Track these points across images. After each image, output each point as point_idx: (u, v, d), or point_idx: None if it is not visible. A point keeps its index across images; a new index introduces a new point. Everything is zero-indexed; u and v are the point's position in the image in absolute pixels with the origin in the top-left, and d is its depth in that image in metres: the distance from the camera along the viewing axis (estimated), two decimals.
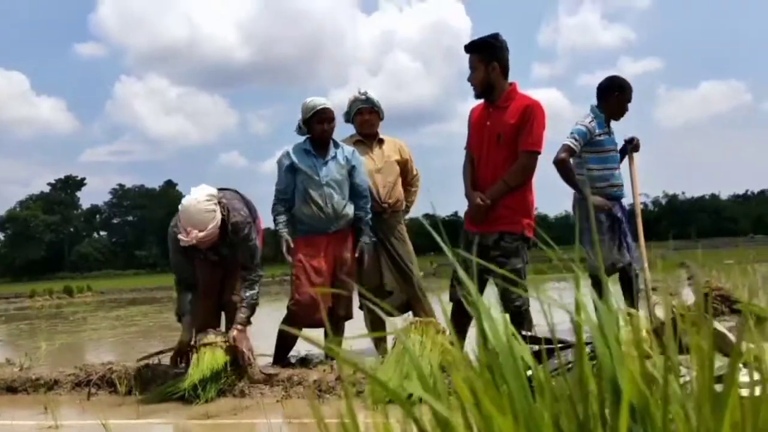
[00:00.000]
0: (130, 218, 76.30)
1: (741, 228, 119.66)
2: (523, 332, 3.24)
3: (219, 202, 3.55)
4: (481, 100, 3.78)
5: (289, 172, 4.11)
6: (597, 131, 4.55)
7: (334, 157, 4.16)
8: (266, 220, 4.39)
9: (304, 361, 4.25)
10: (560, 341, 3.18)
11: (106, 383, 3.72)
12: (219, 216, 3.50)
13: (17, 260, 63.11)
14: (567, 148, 4.57)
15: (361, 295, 4.53)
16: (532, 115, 3.57)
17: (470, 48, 3.71)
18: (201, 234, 3.43)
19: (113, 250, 71.31)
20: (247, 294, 3.74)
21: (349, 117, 4.58)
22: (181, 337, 3.66)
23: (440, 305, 2.40)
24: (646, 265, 4.87)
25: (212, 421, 2.98)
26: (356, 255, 4.19)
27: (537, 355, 2.85)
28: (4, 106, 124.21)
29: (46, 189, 71.17)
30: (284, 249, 4.01)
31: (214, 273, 3.87)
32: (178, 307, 3.79)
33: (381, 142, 4.57)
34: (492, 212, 3.62)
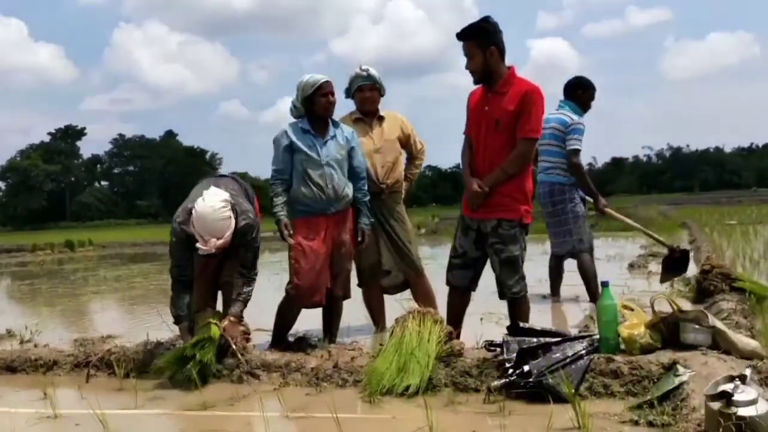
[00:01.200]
0: (131, 168, 76.13)
1: (744, 181, 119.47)
2: (521, 324, 3.24)
3: (232, 207, 3.50)
4: (480, 85, 3.71)
5: (287, 151, 4.03)
6: (578, 119, 5.42)
7: (334, 137, 4.08)
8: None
9: (302, 341, 4.25)
10: (557, 333, 3.17)
11: (105, 365, 3.72)
12: (233, 222, 3.48)
13: (19, 209, 63.21)
14: (577, 152, 5.34)
15: (359, 273, 4.52)
16: (530, 102, 3.51)
17: (464, 35, 3.63)
18: (219, 242, 3.44)
19: (114, 200, 71.32)
20: (244, 290, 3.74)
21: (349, 93, 4.50)
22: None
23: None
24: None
25: (209, 412, 2.97)
26: (356, 238, 4.17)
27: (524, 353, 2.84)
28: (2, 53, 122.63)
29: (47, 139, 70.91)
30: (285, 233, 3.96)
31: (212, 257, 3.84)
32: (174, 307, 3.75)
33: (381, 119, 4.50)
34: (490, 199, 3.59)
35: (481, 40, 3.57)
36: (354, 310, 4.58)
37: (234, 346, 3.48)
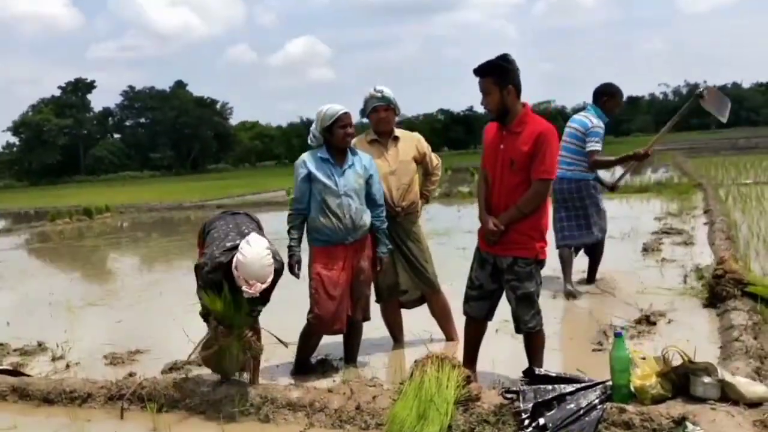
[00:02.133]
0: (142, 120, 75.88)
1: (763, 118, 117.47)
2: (536, 370, 3.36)
3: (273, 254, 3.65)
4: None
5: (305, 181, 4.13)
6: (598, 123, 5.96)
7: (352, 166, 4.15)
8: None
9: (324, 363, 4.43)
10: (571, 380, 3.28)
11: (137, 398, 3.89)
12: (274, 268, 3.62)
13: (33, 164, 63.55)
14: (595, 152, 5.92)
15: (377, 291, 4.64)
16: (545, 144, 3.56)
17: (481, 72, 3.63)
18: (263, 286, 3.57)
19: (127, 153, 71.43)
20: (259, 308, 3.87)
21: (364, 114, 4.54)
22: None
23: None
24: None
25: None
26: (376, 267, 4.28)
27: (539, 405, 2.96)
28: (8, 2, 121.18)
29: (57, 92, 70.56)
30: (294, 269, 4.10)
31: None
32: (204, 307, 3.89)
33: (396, 139, 4.53)
34: (506, 236, 3.66)
35: (499, 79, 3.59)
36: (373, 322, 4.69)
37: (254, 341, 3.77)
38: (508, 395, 3.24)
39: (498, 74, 3.59)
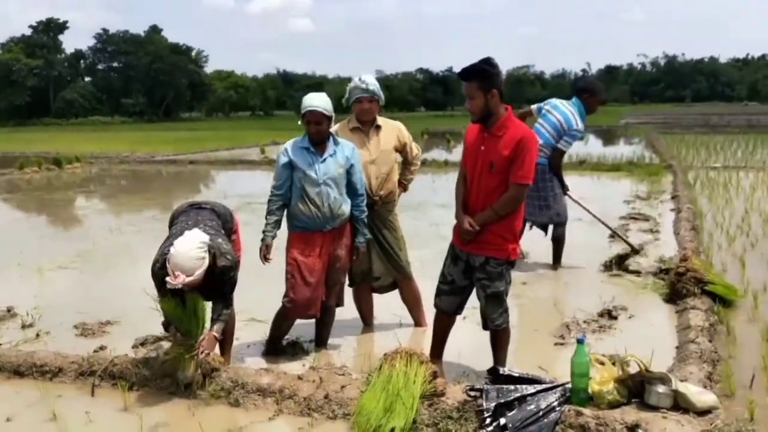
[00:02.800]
0: (115, 65, 74.22)
1: (737, 94, 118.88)
2: (500, 370, 3.48)
3: (209, 248, 3.61)
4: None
5: (286, 168, 4.19)
6: (581, 126, 6.28)
7: (333, 155, 4.19)
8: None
9: (295, 345, 4.52)
10: (533, 380, 3.42)
11: (108, 376, 3.95)
12: (207, 263, 3.57)
13: (1, 105, 61.98)
14: (562, 153, 6.31)
15: (350, 276, 4.72)
16: (525, 149, 3.62)
17: (466, 75, 3.66)
18: (188, 279, 3.51)
19: (99, 98, 69.98)
20: (224, 312, 3.87)
21: (348, 102, 4.55)
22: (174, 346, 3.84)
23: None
24: None
25: None
26: (353, 256, 4.35)
27: (501, 406, 3.09)
28: None
29: (28, 32, 68.45)
30: (262, 254, 4.19)
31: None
32: (165, 318, 3.93)
33: (378, 128, 4.56)
34: (480, 236, 3.75)
35: (483, 83, 3.63)
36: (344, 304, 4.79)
37: (206, 359, 3.71)
38: (472, 393, 3.36)
39: (482, 78, 3.63)
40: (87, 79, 74.42)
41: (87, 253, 7.63)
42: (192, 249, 3.53)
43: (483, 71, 3.62)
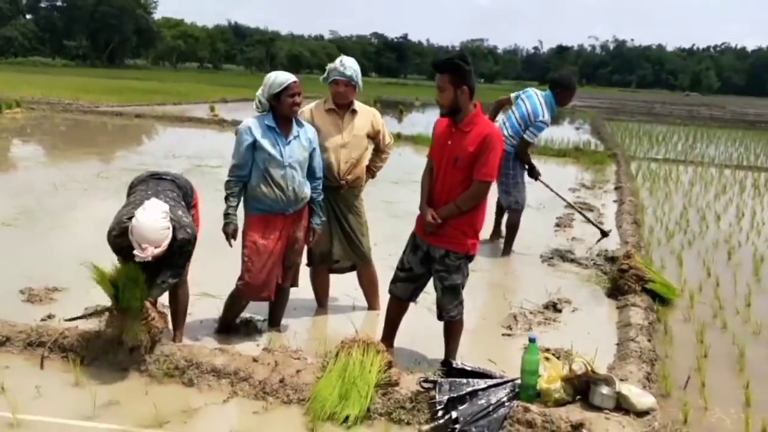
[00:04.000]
0: (58, 3, 71.08)
1: (680, 83, 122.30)
2: (453, 363, 3.60)
3: (171, 219, 3.58)
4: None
5: (249, 149, 4.07)
6: (548, 119, 6.51)
7: (297, 137, 4.16)
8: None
9: (249, 324, 4.54)
10: (485, 375, 3.54)
11: (58, 348, 3.90)
12: (171, 232, 3.56)
13: None
14: (527, 143, 6.62)
15: (309, 255, 4.74)
16: (489, 146, 3.70)
17: (440, 67, 3.70)
18: (157, 250, 3.51)
19: (40, 37, 67.01)
20: (169, 280, 3.85)
21: (325, 82, 4.52)
22: None
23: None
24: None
25: (164, 430, 3.25)
26: (308, 237, 4.36)
27: (453, 400, 3.21)
28: None
29: None
30: (229, 238, 4.14)
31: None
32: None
33: (354, 113, 4.55)
34: (442, 229, 3.82)
35: (455, 78, 3.68)
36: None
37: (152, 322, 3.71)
38: (426, 384, 3.47)
39: (455, 73, 3.68)
40: (28, 16, 70.99)
41: (31, 210, 7.41)
42: (157, 220, 3.50)
43: (456, 66, 3.68)
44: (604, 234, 6.86)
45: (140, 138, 15.81)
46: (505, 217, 7.11)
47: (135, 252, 3.50)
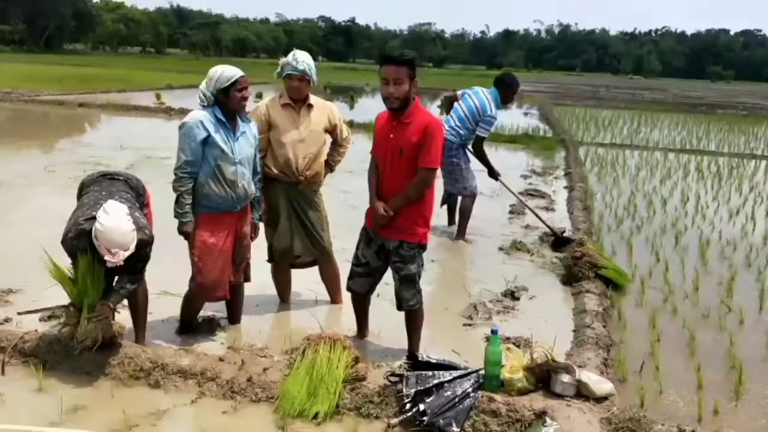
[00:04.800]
0: None
1: (623, 67, 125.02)
2: (419, 356, 3.68)
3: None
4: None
5: (201, 144, 3.98)
6: (495, 113, 6.81)
7: (244, 133, 4.13)
8: None
9: (211, 322, 4.52)
10: (450, 366, 3.63)
11: (18, 352, 3.83)
12: (136, 234, 3.54)
13: None
14: (483, 139, 6.76)
15: (270, 251, 4.75)
16: (431, 135, 3.83)
17: (400, 62, 3.80)
18: (126, 253, 3.49)
19: None
20: (127, 286, 3.78)
21: (279, 77, 4.49)
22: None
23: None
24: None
25: None
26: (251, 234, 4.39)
27: (420, 393, 3.30)
28: None
29: None
30: (188, 235, 4.09)
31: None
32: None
33: (310, 107, 4.54)
34: (394, 221, 3.94)
35: (412, 71, 3.80)
36: (261, 278, 4.84)
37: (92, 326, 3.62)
38: (392, 378, 3.53)
39: (412, 67, 3.80)
40: None
41: None
42: (122, 222, 3.47)
43: (413, 60, 3.81)
44: (558, 237, 6.97)
45: (85, 128, 15.42)
46: (458, 205, 7.25)
47: (106, 258, 3.47)
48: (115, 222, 3.47)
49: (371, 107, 22.11)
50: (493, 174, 7.16)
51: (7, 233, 6.39)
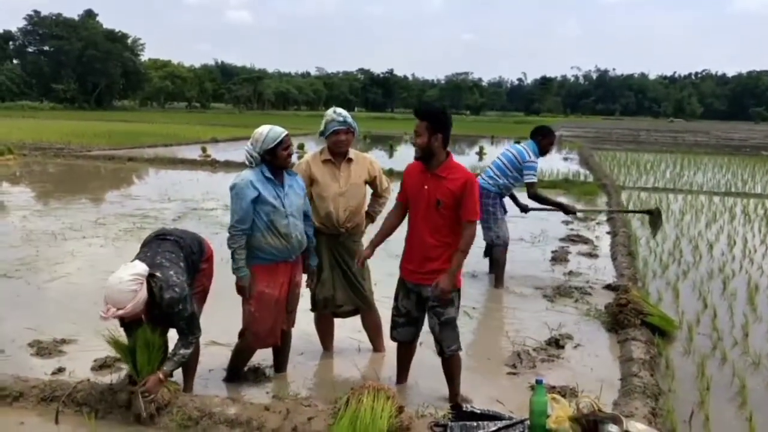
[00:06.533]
0: (46, 48, 71.54)
1: (663, 110, 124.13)
2: (464, 406, 3.67)
3: (153, 277, 3.64)
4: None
5: (252, 203, 4.12)
6: (535, 159, 6.98)
7: (292, 186, 4.26)
8: None
9: (257, 371, 4.59)
10: (494, 417, 3.61)
11: (71, 401, 3.94)
12: (141, 295, 3.57)
13: None
14: (533, 184, 7.04)
15: (312, 300, 4.82)
16: (470, 189, 3.95)
17: (421, 115, 3.99)
18: (120, 312, 3.53)
19: (28, 81, 67.37)
20: (180, 352, 3.85)
21: (323, 135, 4.61)
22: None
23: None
24: None
25: None
26: (308, 280, 4.51)
27: None
28: None
29: None
30: (245, 291, 4.20)
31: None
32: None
33: (350, 161, 4.66)
34: (428, 265, 4.02)
35: (433, 125, 3.95)
36: (304, 327, 4.90)
37: (141, 403, 3.69)
38: (437, 429, 3.53)
39: (433, 121, 3.95)
40: (15, 61, 71.39)
41: (31, 260, 7.46)
42: (122, 282, 3.52)
43: (435, 115, 3.98)
44: (650, 213, 7.99)
45: (134, 181, 15.89)
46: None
47: (100, 311, 3.56)
48: (116, 279, 3.54)
49: (410, 156, 22.23)
50: (566, 210, 7.44)
51: (61, 284, 6.61)
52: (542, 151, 7.02)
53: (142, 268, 3.67)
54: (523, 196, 7.47)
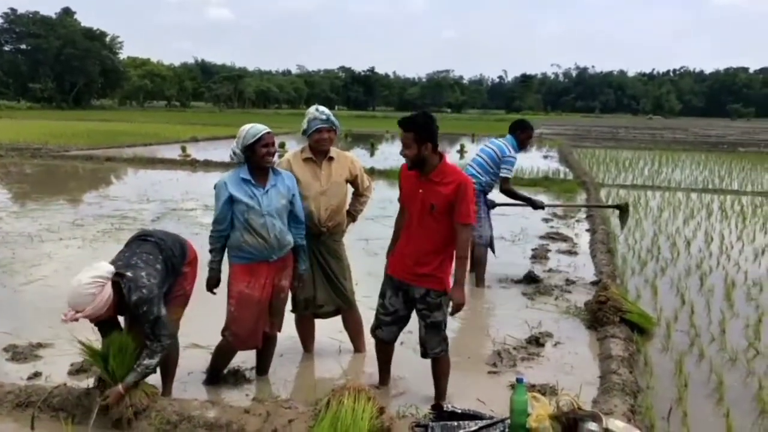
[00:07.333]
0: (23, 47, 70.61)
1: (642, 107, 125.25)
2: (444, 406, 3.67)
3: (123, 277, 3.58)
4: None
5: (227, 203, 4.13)
6: (515, 154, 6.98)
7: (275, 186, 4.22)
8: None
9: (237, 374, 4.56)
10: (475, 416, 3.62)
11: (47, 406, 3.89)
12: (101, 297, 3.48)
13: None
14: (508, 179, 6.99)
15: (293, 302, 4.79)
16: (464, 192, 3.91)
17: (406, 126, 3.91)
18: (79, 314, 3.47)
19: (4, 81, 66.50)
20: (144, 362, 3.74)
21: (306, 133, 4.58)
22: None
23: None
24: None
25: None
26: (294, 283, 4.44)
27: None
28: None
29: None
30: (211, 288, 4.25)
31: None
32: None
33: (331, 160, 4.64)
34: (420, 269, 3.97)
35: (419, 135, 3.88)
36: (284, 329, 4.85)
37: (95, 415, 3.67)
38: (418, 429, 3.53)
39: (419, 131, 3.87)
40: None
41: (7, 262, 7.36)
42: (81, 285, 3.45)
43: (421, 125, 3.89)
44: (620, 208, 7.92)
45: (112, 182, 15.74)
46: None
47: (61, 315, 3.50)
48: (75, 281, 3.47)
49: (391, 154, 22.37)
50: (535, 205, 7.33)
51: (37, 287, 6.52)
52: (521, 145, 7.03)
53: (105, 269, 3.56)
54: (494, 192, 7.43)
